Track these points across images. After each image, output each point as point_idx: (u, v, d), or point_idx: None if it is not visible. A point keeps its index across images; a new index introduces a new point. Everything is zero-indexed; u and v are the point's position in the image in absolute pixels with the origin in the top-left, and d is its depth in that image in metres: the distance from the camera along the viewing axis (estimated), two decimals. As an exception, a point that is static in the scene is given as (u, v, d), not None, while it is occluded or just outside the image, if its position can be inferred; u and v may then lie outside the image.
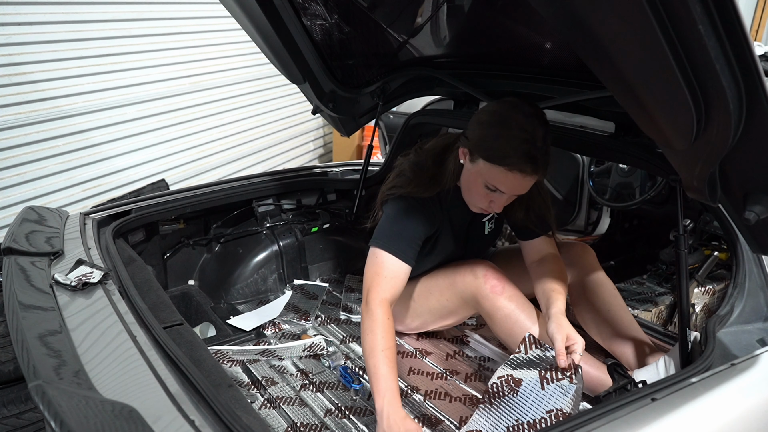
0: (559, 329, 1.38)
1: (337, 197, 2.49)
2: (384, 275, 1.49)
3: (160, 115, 4.03)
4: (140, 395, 0.99)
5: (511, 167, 1.35)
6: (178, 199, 2.04)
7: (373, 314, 1.43)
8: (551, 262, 1.61)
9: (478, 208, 1.53)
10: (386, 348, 1.39)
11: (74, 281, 1.34)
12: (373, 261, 1.52)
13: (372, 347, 1.39)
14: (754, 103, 0.83)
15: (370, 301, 1.46)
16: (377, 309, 1.44)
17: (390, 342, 1.40)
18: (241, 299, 2.20)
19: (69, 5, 3.34)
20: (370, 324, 1.42)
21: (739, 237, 1.42)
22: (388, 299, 1.48)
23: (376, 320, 1.42)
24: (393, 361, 1.38)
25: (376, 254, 1.52)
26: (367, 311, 1.45)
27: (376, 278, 1.49)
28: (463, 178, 1.53)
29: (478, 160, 1.41)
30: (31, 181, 3.27)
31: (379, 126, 2.31)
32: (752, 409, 1.16)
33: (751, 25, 6.94)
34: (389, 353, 1.38)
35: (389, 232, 1.53)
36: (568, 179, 2.50)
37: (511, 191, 1.43)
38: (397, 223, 1.54)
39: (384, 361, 1.36)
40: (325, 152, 5.99)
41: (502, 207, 1.50)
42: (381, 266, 1.50)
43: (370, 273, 1.51)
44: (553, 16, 0.87)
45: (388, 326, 1.42)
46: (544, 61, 1.80)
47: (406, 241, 1.52)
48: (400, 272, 1.51)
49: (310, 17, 1.83)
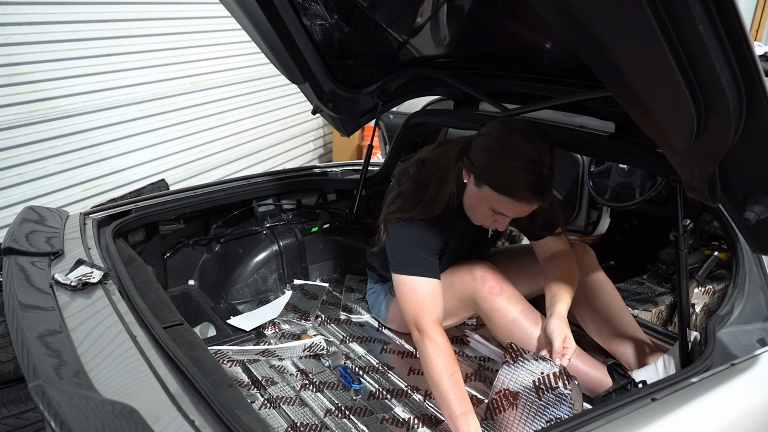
0: (559, 329, 1.39)
1: (337, 197, 2.49)
2: (423, 299, 1.48)
3: (160, 115, 4.03)
4: (140, 395, 0.99)
5: (518, 198, 1.36)
6: (178, 199, 2.04)
7: (432, 339, 1.41)
8: (561, 259, 1.62)
9: (480, 223, 1.54)
10: (454, 372, 1.38)
11: (74, 281, 1.34)
12: (406, 290, 1.51)
13: (439, 374, 1.37)
14: (754, 103, 0.83)
15: (423, 327, 1.44)
16: (434, 333, 1.42)
17: (455, 365, 1.40)
18: (241, 299, 2.20)
19: (69, 5, 3.34)
20: (431, 350, 1.40)
21: (739, 237, 1.42)
22: (438, 320, 1.47)
23: (438, 345, 1.41)
24: (462, 385, 1.38)
25: (403, 282, 1.51)
26: (424, 338, 1.43)
27: (418, 305, 1.48)
28: (467, 198, 1.52)
29: (484, 187, 1.41)
30: (31, 181, 3.27)
31: (379, 126, 2.31)
32: (752, 409, 1.16)
33: (751, 25, 6.95)
34: (458, 376, 1.38)
35: (407, 254, 1.53)
36: (568, 179, 2.50)
37: (516, 215, 1.44)
38: (411, 244, 1.53)
39: (454, 385, 1.35)
40: (325, 152, 5.99)
41: (506, 226, 1.51)
42: (415, 292, 1.49)
43: (409, 302, 1.50)
44: (553, 16, 0.87)
45: (449, 350, 1.41)
46: (544, 61, 1.80)
47: (425, 259, 1.52)
48: (435, 289, 1.51)
49: (310, 17, 1.83)
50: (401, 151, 2.31)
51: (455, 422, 1.32)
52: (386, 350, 1.83)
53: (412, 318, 1.48)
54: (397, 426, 1.47)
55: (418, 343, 1.45)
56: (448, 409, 1.34)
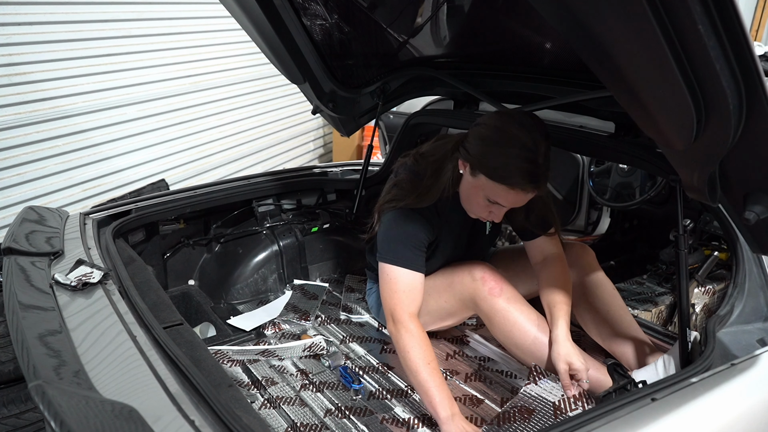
0: (559, 358, 1.41)
1: (337, 197, 2.49)
2: (402, 290, 1.49)
3: (160, 115, 4.03)
4: (140, 395, 0.99)
5: (513, 186, 1.36)
6: (178, 199, 2.04)
7: (407, 330, 1.43)
8: (554, 265, 1.62)
9: (476, 215, 1.54)
10: (431, 360, 1.40)
11: (74, 281, 1.34)
12: (387, 279, 1.52)
13: (416, 364, 1.39)
14: (754, 103, 0.83)
15: (398, 319, 1.46)
16: (409, 324, 1.44)
17: (432, 354, 1.42)
18: (241, 299, 2.20)
19: (69, 5, 3.34)
20: (408, 341, 1.42)
21: (739, 237, 1.42)
22: (414, 312, 1.48)
23: (413, 335, 1.43)
24: (440, 372, 1.40)
25: (386, 271, 1.52)
26: (398, 329, 1.45)
27: (395, 295, 1.49)
28: (463, 188, 1.52)
29: (480, 175, 1.41)
30: (31, 181, 3.27)
31: (379, 126, 2.31)
32: (752, 409, 1.16)
33: (751, 25, 6.94)
34: (435, 364, 1.40)
35: (393, 244, 1.53)
36: (568, 179, 2.50)
37: (512, 205, 1.44)
38: (399, 234, 1.54)
39: (432, 373, 1.38)
40: (325, 152, 5.99)
41: (502, 217, 1.51)
42: (395, 282, 1.50)
43: (387, 292, 1.51)
44: (553, 17, 0.87)
45: (424, 339, 1.43)
46: (544, 61, 1.80)
47: (411, 251, 1.52)
48: (415, 282, 1.51)
49: (310, 17, 1.83)
50: (401, 151, 2.31)
51: (435, 408, 1.35)
52: (386, 350, 1.83)
53: (389, 308, 1.49)
54: (397, 426, 1.47)
55: (392, 333, 1.47)
56: (428, 397, 1.37)
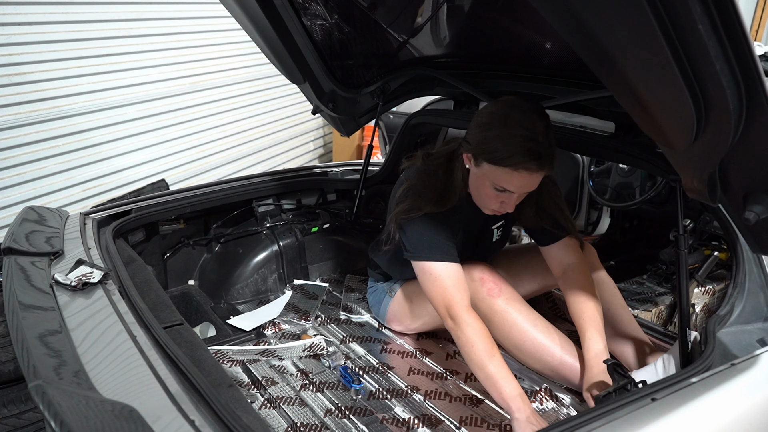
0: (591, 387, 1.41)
1: (337, 197, 2.48)
2: (450, 285, 1.48)
3: (160, 115, 4.03)
4: (140, 395, 0.99)
5: (516, 167, 1.34)
6: (178, 199, 2.04)
7: (468, 324, 1.42)
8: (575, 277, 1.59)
9: (490, 210, 1.51)
10: (496, 352, 1.40)
11: (74, 281, 1.34)
12: (431, 278, 1.50)
13: (481, 357, 1.38)
14: (754, 103, 0.82)
15: (456, 314, 1.44)
16: (468, 318, 1.43)
17: (494, 345, 1.41)
18: (241, 299, 2.20)
19: (69, 5, 3.34)
20: (471, 335, 1.41)
21: (739, 237, 1.42)
22: (468, 305, 1.47)
23: (475, 329, 1.41)
24: (504, 363, 1.39)
25: (426, 269, 1.50)
26: (459, 325, 1.43)
27: (446, 292, 1.47)
28: (472, 183, 1.51)
29: (483, 164, 1.40)
30: (31, 181, 3.27)
31: (379, 126, 2.31)
32: (752, 409, 1.16)
33: (751, 25, 6.94)
34: (499, 356, 1.40)
35: (425, 242, 1.51)
36: (568, 179, 2.50)
37: (519, 190, 1.42)
38: (428, 232, 1.52)
39: (499, 366, 1.37)
40: (325, 152, 5.99)
41: (514, 206, 1.48)
42: (440, 279, 1.49)
43: (435, 290, 1.49)
44: (553, 17, 0.87)
45: (485, 331, 1.42)
46: (544, 61, 1.80)
47: (444, 244, 1.52)
48: (458, 274, 1.50)
49: (310, 17, 1.83)
50: (401, 151, 2.32)
51: (507, 402, 1.34)
52: (386, 350, 1.83)
53: (443, 308, 1.47)
54: (397, 426, 1.46)
55: (452, 330, 1.45)
56: (497, 389, 1.36)
